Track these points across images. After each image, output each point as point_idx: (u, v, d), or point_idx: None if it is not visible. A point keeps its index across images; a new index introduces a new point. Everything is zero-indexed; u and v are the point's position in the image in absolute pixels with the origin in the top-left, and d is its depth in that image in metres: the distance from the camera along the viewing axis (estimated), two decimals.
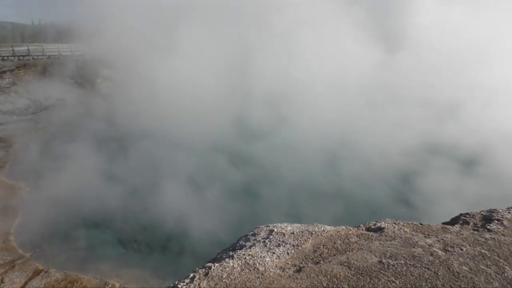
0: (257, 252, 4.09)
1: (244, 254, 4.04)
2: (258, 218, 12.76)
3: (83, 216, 13.62)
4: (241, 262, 3.88)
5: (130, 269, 11.01)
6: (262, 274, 3.63)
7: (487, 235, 4.41)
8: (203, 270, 3.78)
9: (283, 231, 4.53)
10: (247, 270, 3.70)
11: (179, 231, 12.56)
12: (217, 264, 3.84)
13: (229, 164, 17.73)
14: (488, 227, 4.61)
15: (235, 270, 3.70)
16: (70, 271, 10.95)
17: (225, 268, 3.75)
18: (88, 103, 31.94)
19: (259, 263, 3.82)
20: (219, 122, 21.70)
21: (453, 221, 5.08)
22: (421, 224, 4.86)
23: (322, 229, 4.59)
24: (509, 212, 4.94)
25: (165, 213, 13.34)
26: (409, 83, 24.58)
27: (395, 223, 4.80)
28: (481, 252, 4.03)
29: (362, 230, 4.64)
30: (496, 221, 4.72)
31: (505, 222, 4.68)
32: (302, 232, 4.51)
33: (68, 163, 16.89)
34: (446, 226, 4.78)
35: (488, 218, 4.87)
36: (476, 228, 4.68)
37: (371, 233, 4.52)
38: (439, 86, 24.57)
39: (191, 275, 3.73)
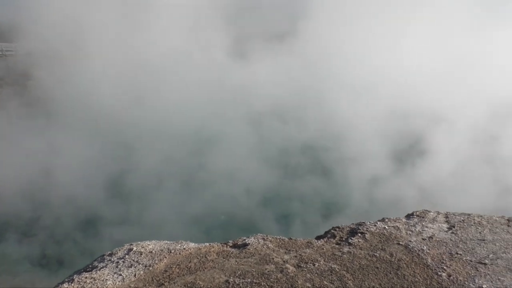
0: (103, 274, 3.87)
1: (86, 277, 3.80)
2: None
3: None
4: (78, 286, 3.63)
5: None
6: None
7: (346, 249, 4.51)
8: None
9: (142, 250, 4.34)
10: None
11: (92, 243, 11.93)
12: None
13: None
14: (350, 240, 4.72)
15: None
16: None
17: None
18: (16, 105, 29.99)
19: None
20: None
21: (325, 235, 5.18)
22: (290, 239, 4.88)
23: (185, 246, 4.46)
24: (374, 225, 5.11)
25: (78, 222, 12.64)
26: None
27: (263, 239, 4.78)
28: (332, 267, 4.09)
29: (227, 246, 4.56)
30: (359, 234, 4.86)
31: (367, 236, 4.82)
32: (162, 250, 4.35)
33: None
34: (311, 240, 4.84)
35: (354, 231, 5.00)
36: (339, 241, 4.78)
37: (233, 250, 4.46)
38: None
39: None
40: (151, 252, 4.31)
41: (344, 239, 4.83)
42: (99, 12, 24.90)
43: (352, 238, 4.78)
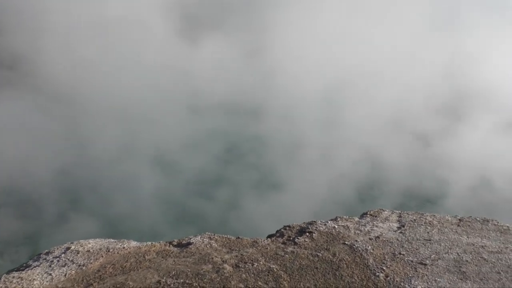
0: (33, 273, 3.78)
1: (14, 277, 3.71)
2: None
3: None
4: (2, 286, 3.55)
5: None
6: None
7: (290, 249, 4.46)
8: None
9: (80, 249, 4.25)
10: None
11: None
12: None
13: None
14: (297, 240, 4.67)
15: None
16: None
17: None
18: None
19: None
20: None
21: (275, 234, 5.12)
22: (238, 238, 4.81)
23: (125, 245, 4.38)
24: (324, 224, 5.06)
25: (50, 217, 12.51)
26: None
27: (209, 237, 4.71)
28: (270, 268, 4.03)
29: (170, 245, 4.49)
30: (307, 234, 4.80)
31: (315, 235, 4.77)
32: (100, 249, 4.27)
33: None
34: (258, 239, 4.78)
35: (303, 230, 4.95)
36: (286, 241, 4.72)
37: (174, 249, 4.39)
38: None
39: None
40: (89, 251, 4.22)
41: (291, 238, 4.77)
42: None
43: (299, 237, 4.72)
